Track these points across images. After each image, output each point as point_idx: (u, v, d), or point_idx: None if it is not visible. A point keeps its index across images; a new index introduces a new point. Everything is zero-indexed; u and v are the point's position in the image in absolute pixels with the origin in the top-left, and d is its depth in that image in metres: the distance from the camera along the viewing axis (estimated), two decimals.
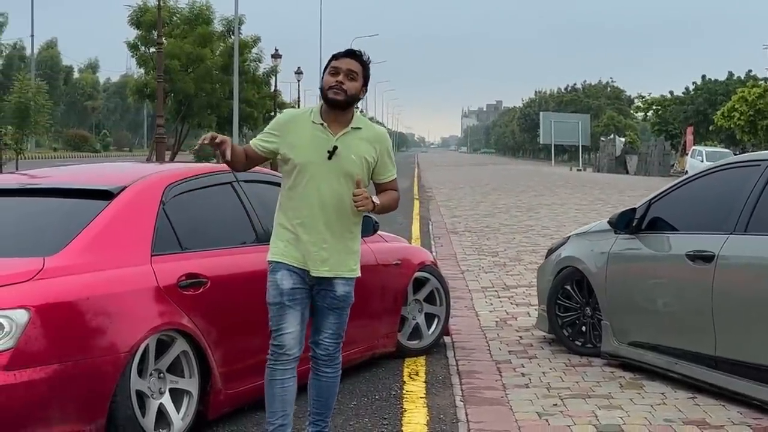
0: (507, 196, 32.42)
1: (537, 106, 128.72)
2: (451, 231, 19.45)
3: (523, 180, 48.12)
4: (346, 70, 4.91)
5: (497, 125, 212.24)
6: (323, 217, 4.93)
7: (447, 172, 66.31)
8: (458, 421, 6.10)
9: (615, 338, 7.33)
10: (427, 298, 8.03)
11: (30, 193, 5.94)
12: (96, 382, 5.02)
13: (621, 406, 6.29)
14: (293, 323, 4.96)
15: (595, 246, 7.69)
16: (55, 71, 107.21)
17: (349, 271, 5.07)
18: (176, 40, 41.68)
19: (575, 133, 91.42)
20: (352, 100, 4.94)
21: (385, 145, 5.07)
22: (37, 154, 68.65)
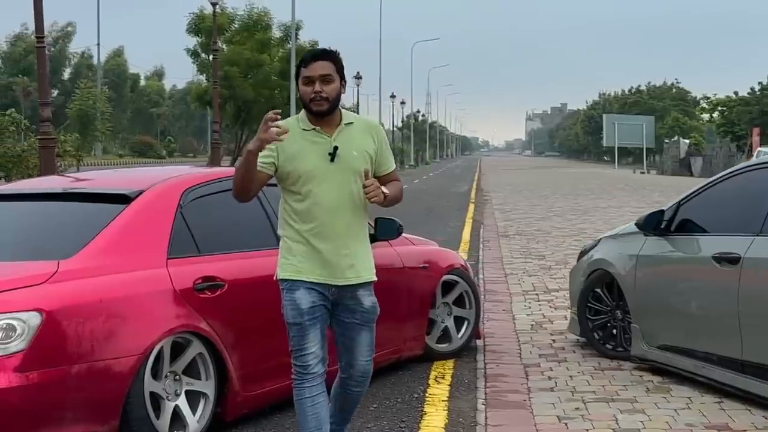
0: (564, 200, 32.19)
1: (601, 109, 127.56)
2: (502, 234, 19.36)
3: (582, 183, 47.74)
4: (319, 76, 4.64)
5: (561, 128, 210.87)
6: (341, 220, 4.74)
7: (508, 175, 66.06)
8: (476, 424, 6.07)
9: (644, 341, 7.23)
10: (456, 301, 8.01)
11: (49, 198, 6.05)
12: (109, 383, 5.10)
13: (644, 410, 6.21)
14: (315, 342, 4.73)
15: (625, 248, 7.60)
16: (122, 79, 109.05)
17: (371, 274, 4.90)
18: (235, 46, 42.11)
19: (639, 135, 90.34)
20: (336, 103, 4.73)
21: (381, 135, 4.89)
22: (102, 161, 69.83)
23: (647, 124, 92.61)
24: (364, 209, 4.86)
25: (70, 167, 28.55)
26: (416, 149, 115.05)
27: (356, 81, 59.18)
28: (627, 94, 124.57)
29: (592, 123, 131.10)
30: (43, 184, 6.56)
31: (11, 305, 4.82)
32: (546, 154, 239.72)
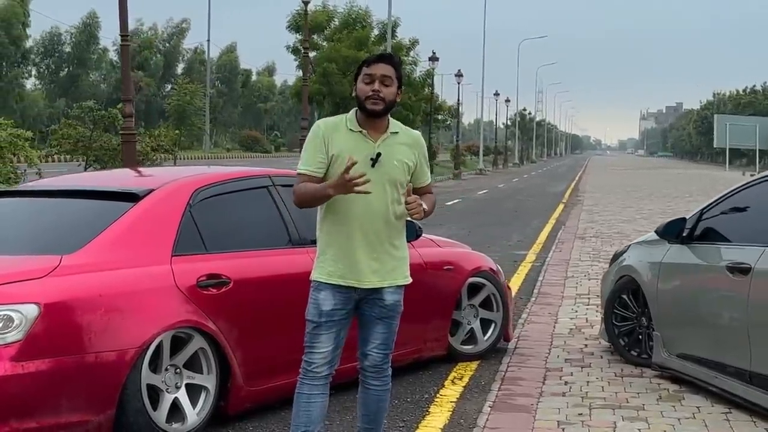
0: (658, 202, 31.65)
1: (715, 109, 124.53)
2: (579, 236, 19.21)
3: (684, 185, 46.81)
4: (380, 76, 4.73)
5: (674, 128, 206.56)
6: (372, 226, 4.78)
7: (611, 175, 65.17)
8: (475, 426, 6.13)
9: (665, 349, 7.18)
10: (483, 303, 8.06)
11: (61, 195, 6.32)
12: (106, 375, 5.32)
13: (647, 418, 6.18)
14: (326, 344, 4.84)
15: (650, 255, 7.55)
16: (233, 74, 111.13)
17: (403, 278, 4.95)
18: (335, 43, 42.58)
19: (752, 136, 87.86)
20: (390, 107, 4.79)
21: (422, 150, 4.96)
22: (210, 154, 71.25)
23: (761, 125, 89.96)
24: (398, 217, 4.87)
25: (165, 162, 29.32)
26: (522, 147, 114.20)
27: (457, 79, 59.07)
28: (741, 94, 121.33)
29: (705, 123, 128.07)
30: (58, 182, 6.86)
31: (10, 297, 5.08)
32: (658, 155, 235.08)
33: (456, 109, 62.61)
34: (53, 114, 79.43)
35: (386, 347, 5.00)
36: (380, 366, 5.02)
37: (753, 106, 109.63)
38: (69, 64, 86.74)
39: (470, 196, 36.50)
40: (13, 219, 6.23)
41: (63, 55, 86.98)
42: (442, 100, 61.45)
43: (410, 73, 46.18)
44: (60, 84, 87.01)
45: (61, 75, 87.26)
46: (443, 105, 57.99)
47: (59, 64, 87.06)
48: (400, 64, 4.94)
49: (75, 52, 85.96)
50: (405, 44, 45.27)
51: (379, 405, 5.11)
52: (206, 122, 34.34)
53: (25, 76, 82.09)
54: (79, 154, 25.82)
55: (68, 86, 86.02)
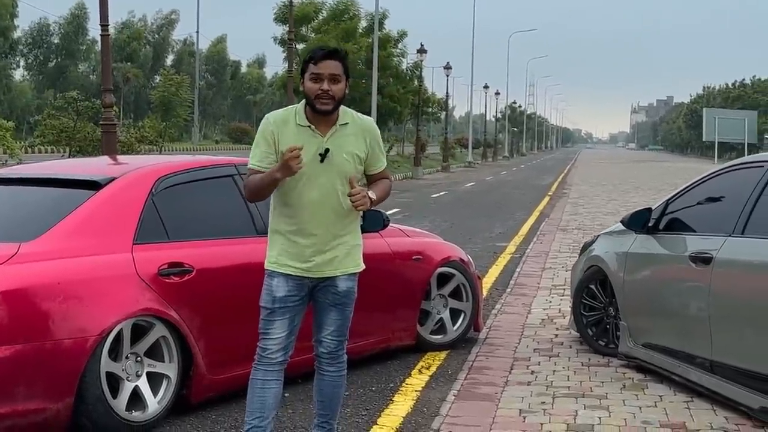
0: (644, 195, 31.71)
1: (704, 102, 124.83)
2: (561, 228, 19.26)
3: (672, 178, 46.83)
4: (328, 75, 4.69)
5: (665, 121, 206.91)
6: (322, 219, 4.82)
7: (599, 169, 65.26)
8: (437, 414, 6.15)
9: (630, 339, 7.22)
10: (452, 293, 8.07)
11: (22, 183, 6.31)
12: (64, 362, 5.32)
13: (608, 407, 6.21)
14: (279, 330, 4.91)
15: (617, 245, 7.58)
16: (222, 66, 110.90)
17: (354, 266, 4.98)
18: (322, 35, 42.52)
19: (741, 130, 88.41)
20: (339, 104, 4.79)
21: (373, 136, 4.92)
22: (199, 146, 71.13)
23: (749, 119, 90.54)
24: (350, 209, 4.87)
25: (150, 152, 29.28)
26: (512, 140, 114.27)
27: (446, 71, 59.00)
28: (731, 88, 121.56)
29: (695, 117, 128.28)
30: (20, 170, 6.84)
31: None
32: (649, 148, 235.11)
33: (445, 102, 62.63)
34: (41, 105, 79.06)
35: (340, 334, 5.03)
36: (335, 352, 5.05)
37: (742, 100, 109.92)
38: (57, 55, 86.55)
39: (457, 189, 36.53)
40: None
41: (51, 46, 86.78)
42: (432, 93, 61.40)
43: (398, 65, 46.15)
44: (48, 75, 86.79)
45: (49, 66, 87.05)
46: (432, 98, 57.94)
47: (47, 55, 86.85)
48: (346, 57, 4.88)
49: (63, 43, 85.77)
50: (393, 36, 45.22)
51: (335, 391, 5.13)
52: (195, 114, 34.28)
53: (13, 67, 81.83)
54: (63, 144, 25.78)
55: (56, 77, 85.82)
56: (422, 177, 46.70)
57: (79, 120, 25.31)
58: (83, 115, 25.37)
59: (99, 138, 25.24)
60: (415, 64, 48.47)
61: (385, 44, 42.49)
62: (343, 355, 5.11)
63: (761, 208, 6.04)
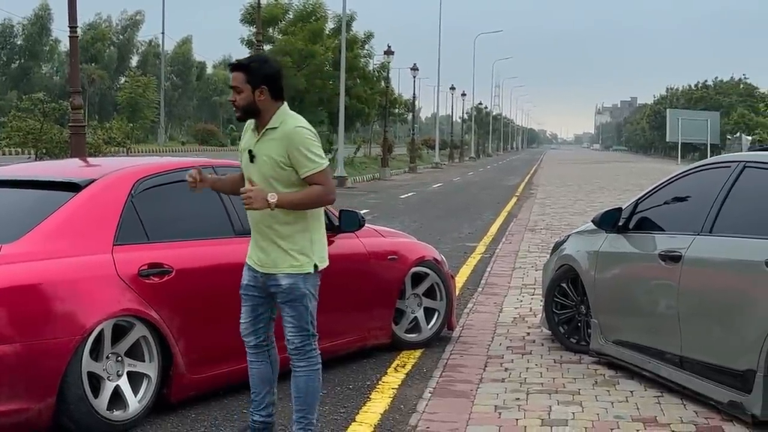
0: (610, 195, 32.00)
1: (668, 103, 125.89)
2: (530, 228, 19.42)
3: (636, 178, 47.29)
4: (232, 86, 5.15)
5: (629, 122, 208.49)
6: (257, 218, 5.17)
7: (565, 169, 65.67)
8: (415, 411, 6.25)
9: (602, 336, 7.36)
10: (426, 292, 8.18)
11: (6, 185, 6.33)
12: (46, 363, 5.37)
13: (581, 402, 6.34)
14: (245, 315, 5.37)
15: (588, 244, 7.73)
16: (187, 67, 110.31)
17: (289, 267, 5.13)
18: (289, 36, 42.49)
19: (704, 130, 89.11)
20: (249, 110, 5.10)
21: (292, 143, 5.02)
22: (164, 147, 70.76)
23: (712, 119, 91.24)
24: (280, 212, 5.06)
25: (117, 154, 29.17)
26: (478, 141, 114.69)
27: (413, 72, 59.20)
28: (693, 89, 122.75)
29: (658, 118, 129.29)
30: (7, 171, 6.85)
31: None
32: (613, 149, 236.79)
33: (412, 103, 62.83)
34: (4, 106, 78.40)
35: (300, 329, 5.20)
36: (301, 348, 5.23)
37: (705, 101, 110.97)
38: (21, 56, 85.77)
39: (424, 190, 36.67)
40: None
41: (15, 47, 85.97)
42: (398, 94, 61.52)
43: (365, 66, 46.21)
44: (11, 76, 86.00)
45: (12, 67, 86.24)
46: (399, 99, 58.08)
47: (11, 56, 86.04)
48: (252, 67, 5.12)
49: (27, 44, 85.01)
50: (360, 37, 45.30)
51: (309, 385, 5.27)
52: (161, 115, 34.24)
53: None
54: (29, 146, 25.64)
55: (20, 78, 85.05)
56: (390, 178, 46.82)
57: (46, 122, 25.19)
58: (50, 116, 25.25)
59: (66, 140, 25.21)
60: (382, 65, 48.60)
61: (352, 45, 42.57)
62: (312, 350, 5.26)
63: (729, 207, 6.20)
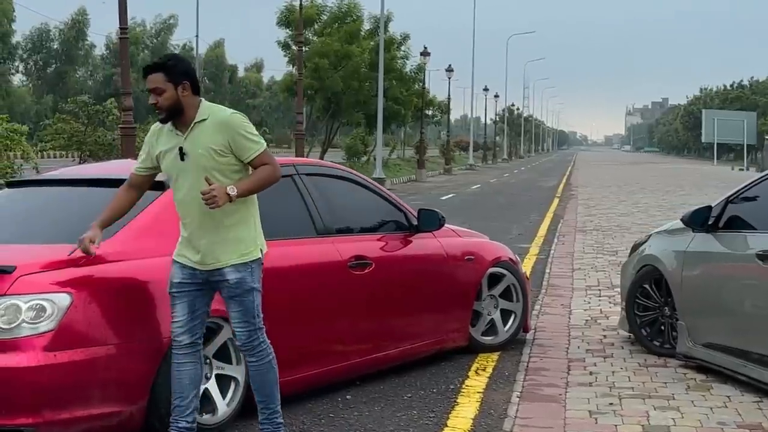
0: (652, 196, 31.67)
1: (702, 104, 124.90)
2: (579, 229, 19.17)
3: (675, 180, 46.87)
4: (152, 88, 5.06)
5: (661, 123, 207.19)
6: (195, 215, 5.07)
7: (600, 170, 65.20)
8: (506, 416, 6.07)
9: (689, 339, 7.14)
10: (503, 294, 7.99)
11: (87, 184, 6.22)
12: (137, 365, 5.25)
13: (679, 408, 6.14)
14: (180, 313, 5.16)
15: (673, 244, 7.51)
16: (220, 70, 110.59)
17: (239, 257, 5.12)
18: (325, 38, 42.40)
19: (740, 131, 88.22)
20: (174, 109, 5.04)
21: (230, 129, 5.02)
22: None
23: (748, 120, 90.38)
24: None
25: None
26: (510, 143, 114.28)
27: (448, 74, 58.93)
28: (729, 90, 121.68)
29: (692, 118, 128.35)
30: (83, 170, 6.76)
31: (42, 286, 5.00)
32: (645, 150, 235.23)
33: (447, 105, 62.56)
34: (40, 110, 78.90)
35: (247, 324, 5.18)
36: (249, 343, 5.20)
37: (740, 101, 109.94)
38: (57, 60, 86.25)
39: (464, 191, 36.46)
40: (41, 208, 6.13)
41: (51, 51, 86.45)
42: (432, 96, 61.25)
43: (401, 68, 46.05)
44: (47, 80, 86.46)
45: (48, 71, 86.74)
46: (434, 100, 57.85)
47: (47, 60, 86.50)
48: (170, 64, 5.09)
49: (63, 48, 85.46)
50: (396, 39, 45.13)
51: (264, 378, 5.26)
52: None
53: (12, 72, 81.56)
54: (73, 149, 25.67)
55: (56, 82, 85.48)
56: (426, 180, 46.60)
57: (90, 124, 25.22)
58: (93, 119, 25.28)
59: (110, 143, 25.25)
60: (419, 66, 48.38)
61: (389, 46, 42.37)
62: (261, 343, 5.24)
63: None
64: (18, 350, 4.91)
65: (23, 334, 4.92)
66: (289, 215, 6.48)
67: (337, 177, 7.08)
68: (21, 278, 4.99)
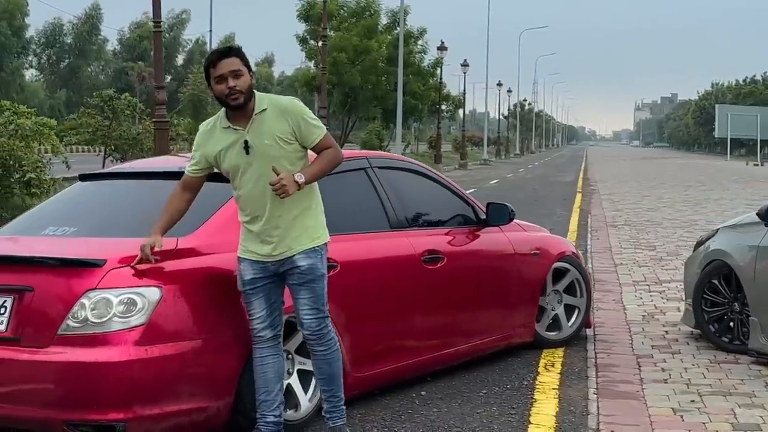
0: (673, 191, 31.56)
1: (713, 99, 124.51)
2: (610, 224, 19.06)
3: (692, 175, 46.72)
4: (229, 72, 4.95)
5: (671, 118, 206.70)
6: (266, 206, 5.01)
7: (614, 165, 65.08)
8: (588, 413, 5.98)
9: (763, 335, 7.03)
10: (567, 289, 7.89)
11: (170, 177, 6.13)
12: (225, 360, 5.18)
13: (763, 405, 6.04)
14: (259, 309, 5.12)
15: (745, 239, 7.39)
16: None
17: (310, 241, 5.09)
18: (343, 32, 42.33)
19: (753, 126, 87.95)
20: (250, 95, 5.01)
21: (294, 114, 5.02)
22: None
23: (762, 115, 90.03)
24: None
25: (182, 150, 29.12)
26: (521, 138, 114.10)
27: (463, 69, 58.79)
28: (741, 85, 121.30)
29: (704, 114, 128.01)
30: (159, 163, 6.67)
31: (132, 280, 4.93)
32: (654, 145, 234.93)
33: (462, 100, 62.39)
34: (54, 105, 78.99)
35: (317, 311, 5.13)
36: (318, 331, 5.16)
37: (753, 96, 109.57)
38: (70, 54, 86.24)
39: (483, 186, 36.27)
40: (120, 201, 6.06)
41: (64, 45, 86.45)
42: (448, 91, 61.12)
43: (419, 62, 45.93)
44: (60, 75, 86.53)
45: (61, 66, 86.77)
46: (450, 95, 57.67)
47: (60, 55, 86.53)
48: (241, 51, 5.12)
49: (77, 43, 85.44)
50: (414, 33, 45.02)
51: (332, 366, 5.25)
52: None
53: (26, 67, 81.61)
54: (98, 143, 25.61)
55: (69, 77, 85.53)
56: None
57: (115, 118, 25.14)
58: (119, 113, 25.21)
59: (134, 137, 25.17)
60: (436, 60, 48.24)
61: (407, 40, 42.25)
62: (330, 332, 5.20)
63: None
64: (109, 345, 4.84)
65: (114, 329, 4.85)
66: (363, 209, 6.41)
67: (408, 170, 7.00)
68: (111, 272, 4.93)
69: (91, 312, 4.85)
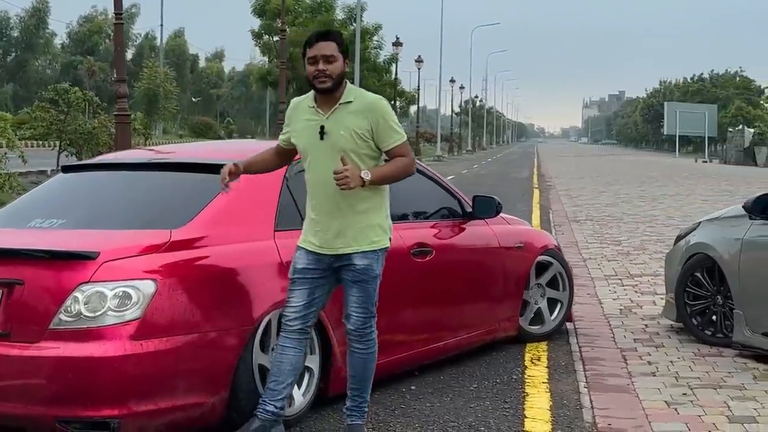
0: (629, 187, 31.81)
1: (661, 97, 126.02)
2: (572, 219, 19.14)
3: (644, 171, 47.17)
4: (322, 56, 4.92)
5: (619, 116, 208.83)
6: (330, 196, 4.95)
7: (566, 162, 65.50)
8: (582, 407, 5.95)
9: (748, 328, 7.04)
10: (549, 282, 7.85)
11: (157, 168, 6.00)
12: (220, 354, 5.06)
13: (755, 398, 6.04)
14: (298, 299, 5.04)
15: (728, 232, 7.40)
16: (182, 60, 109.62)
17: (369, 244, 5.01)
18: (299, 28, 42.11)
19: (701, 123, 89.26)
20: (339, 81, 4.97)
21: (378, 113, 4.97)
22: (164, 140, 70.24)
23: (710, 112, 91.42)
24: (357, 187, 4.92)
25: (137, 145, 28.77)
26: (473, 135, 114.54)
27: (417, 64, 58.85)
28: (689, 82, 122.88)
29: (652, 111, 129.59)
30: (151, 154, 6.52)
31: (126, 273, 4.79)
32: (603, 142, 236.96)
33: (417, 96, 62.47)
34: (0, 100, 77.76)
35: (365, 311, 5.09)
36: (362, 329, 5.10)
37: (701, 94, 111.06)
38: (17, 48, 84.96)
39: None
40: (106, 193, 5.90)
41: (11, 39, 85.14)
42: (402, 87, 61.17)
43: (375, 58, 45.87)
44: (7, 69, 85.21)
45: (8, 60, 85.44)
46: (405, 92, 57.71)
47: (7, 48, 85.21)
48: (341, 36, 5.12)
49: (23, 37, 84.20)
50: (369, 29, 44.93)
51: (366, 366, 5.18)
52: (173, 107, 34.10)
53: None
54: (53, 137, 25.17)
55: (16, 71, 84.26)
56: None
57: (70, 112, 24.71)
58: (74, 107, 24.79)
59: (90, 131, 24.78)
60: (392, 56, 48.21)
61: (363, 36, 42.15)
62: (372, 332, 5.15)
63: None
64: (103, 339, 4.70)
65: (108, 323, 4.71)
66: None
67: None
68: (105, 264, 4.78)
69: (85, 306, 4.70)
